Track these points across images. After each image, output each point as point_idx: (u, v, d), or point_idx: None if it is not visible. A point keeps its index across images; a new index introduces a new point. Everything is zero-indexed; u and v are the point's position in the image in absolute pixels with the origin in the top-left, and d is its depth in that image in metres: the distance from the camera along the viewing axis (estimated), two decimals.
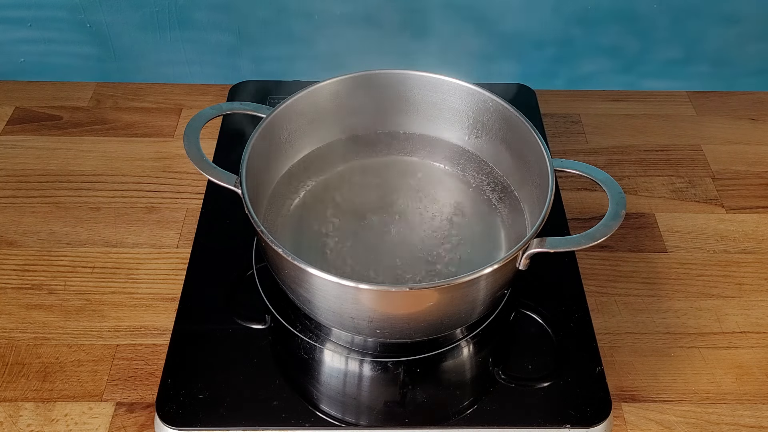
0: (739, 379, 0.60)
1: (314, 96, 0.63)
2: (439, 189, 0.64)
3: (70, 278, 0.66)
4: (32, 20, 0.81)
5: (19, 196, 0.73)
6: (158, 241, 0.69)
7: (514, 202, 0.63)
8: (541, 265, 0.54)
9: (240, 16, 0.81)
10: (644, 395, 0.59)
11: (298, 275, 0.51)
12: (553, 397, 0.54)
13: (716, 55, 0.86)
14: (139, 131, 0.81)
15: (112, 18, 0.81)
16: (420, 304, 0.51)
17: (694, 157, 0.80)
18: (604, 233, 0.52)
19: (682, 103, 0.88)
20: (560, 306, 0.60)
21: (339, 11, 0.81)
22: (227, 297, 0.61)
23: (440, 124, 0.67)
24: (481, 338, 0.59)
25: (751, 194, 0.76)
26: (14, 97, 0.85)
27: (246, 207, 0.52)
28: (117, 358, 0.60)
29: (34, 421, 0.56)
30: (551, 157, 0.56)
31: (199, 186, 0.74)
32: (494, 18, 0.81)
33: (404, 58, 0.84)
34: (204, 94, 0.87)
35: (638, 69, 0.87)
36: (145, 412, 0.56)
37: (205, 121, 0.59)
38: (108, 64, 0.86)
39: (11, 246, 0.68)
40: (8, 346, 0.60)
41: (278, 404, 0.53)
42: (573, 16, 0.81)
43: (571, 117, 0.85)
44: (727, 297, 0.66)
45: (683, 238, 0.71)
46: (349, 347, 0.57)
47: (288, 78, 0.84)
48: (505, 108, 0.61)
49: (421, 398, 0.54)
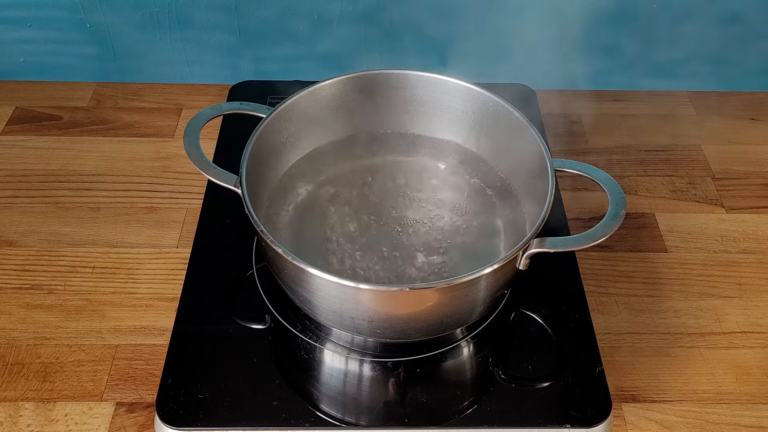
0: (739, 379, 0.60)
1: (314, 96, 0.63)
2: (439, 189, 0.64)
3: (70, 278, 0.66)
4: (32, 20, 0.81)
5: (19, 196, 0.73)
6: (158, 241, 0.69)
7: (514, 202, 0.63)
8: (541, 265, 0.54)
9: (240, 16, 0.81)
10: (644, 395, 0.59)
11: (298, 275, 0.51)
12: (553, 397, 0.54)
13: (716, 55, 0.86)
14: (139, 131, 0.81)
15: (112, 18, 0.81)
16: (420, 304, 0.51)
17: (694, 157, 0.80)
18: (604, 233, 0.52)
19: (682, 103, 0.88)
20: (560, 306, 0.60)
21: (339, 11, 0.81)
22: (227, 297, 0.61)
23: (440, 124, 0.67)
24: (481, 338, 0.59)
25: (751, 194, 0.76)
26: (14, 97, 0.85)
27: (246, 207, 0.52)
28: (117, 358, 0.60)
29: (34, 421, 0.56)
30: (551, 157, 0.56)
31: (199, 186, 0.74)
32: (494, 18, 0.81)
33: (404, 58, 0.84)
34: (204, 94, 0.87)
35: (638, 69, 0.87)
36: (145, 412, 0.56)
37: (205, 121, 0.59)
38: (108, 64, 0.86)
39: (11, 246, 0.68)
40: (8, 346, 0.60)
41: (278, 404, 0.53)
42: (573, 15, 0.81)
43: (571, 117, 0.85)
44: (727, 297, 0.66)
45: (683, 238, 0.71)
46: (349, 347, 0.57)
47: (288, 78, 0.84)
48: (505, 108, 0.61)
49: (421, 398, 0.54)
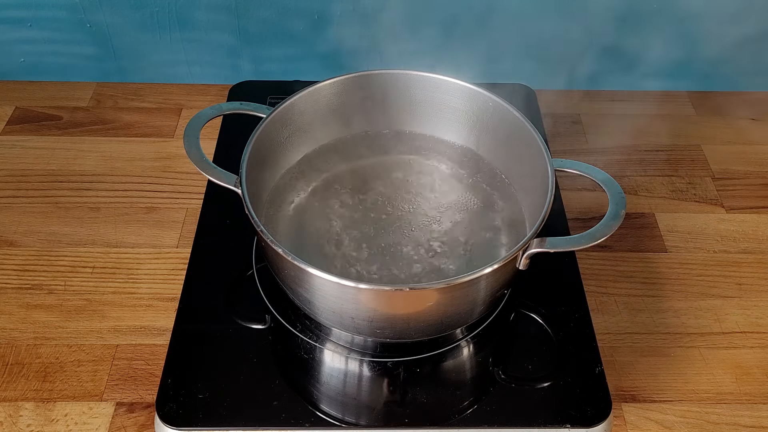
0: (739, 379, 0.60)
1: (314, 96, 0.63)
2: (439, 189, 0.64)
3: (70, 278, 0.66)
4: (32, 20, 0.81)
5: (19, 196, 0.73)
6: (158, 241, 0.69)
7: (513, 202, 0.63)
8: (541, 265, 0.54)
9: (240, 16, 0.81)
10: (644, 395, 0.59)
11: (298, 275, 0.51)
12: (553, 397, 0.54)
13: (716, 55, 0.86)
14: (139, 131, 0.81)
15: (112, 18, 0.81)
16: (420, 304, 0.51)
17: (694, 157, 0.80)
18: (604, 233, 0.52)
19: (682, 103, 0.88)
20: (560, 306, 0.60)
21: (339, 11, 0.81)
22: (227, 297, 0.61)
23: (440, 124, 0.67)
24: (481, 338, 0.59)
25: (751, 194, 0.76)
26: (14, 97, 0.85)
27: (246, 207, 0.52)
28: (117, 358, 0.60)
29: (34, 421, 0.56)
30: (551, 157, 0.56)
31: (199, 186, 0.74)
32: (494, 18, 0.81)
33: (404, 58, 0.84)
34: (204, 94, 0.87)
35: (638, 69, 0.87)
36: (145, 412, 0.56)
37: (205, 121, 0.59)
38: (108, 64, 0.86)
39: (11, 246, 0.68)
40: (8, 346, 0.60)
41: (278, 404, 0.53)
42: (573, 16, 0.81)
43: (571, 117, 0.85)
44: (727, 297, 0.66)
45: (683, 238, 0.71)
46: (349, 347, 0.57)
47: (288, 78, 0.84)
48: (505, 108, 0.61)
49: (421, 398, 0.54)
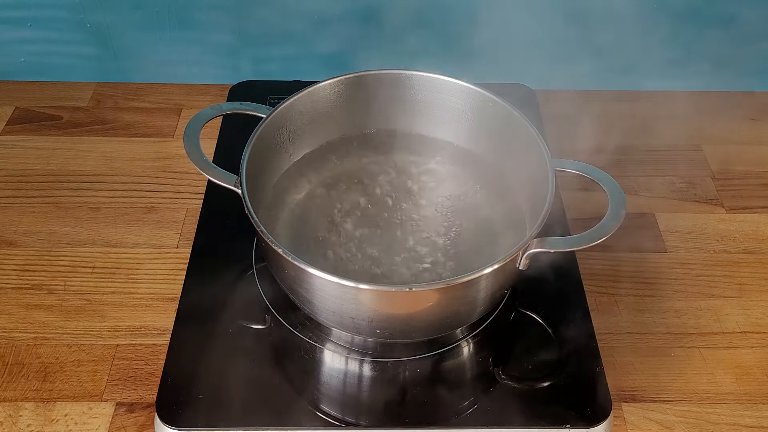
0: (739, 379, 0.60)
1: (314, 96, 0.63)
2: (438, 189, 0.64)
3: (70, 278, 0.66)
4: (32, 20, 0.81)
5: (19, 196, 0.73)
6: (158, 241, 0.69)
7: (513, 202, 0.62)
8: (541, 265, 0.54)
9: (240, 16, 0.81)
10: (644, 395, 0.58)
11: (298, 275, 0.51)
12: (553, 397, 0.54)
13: (716, 55, 0.86)
14: (139, 131, 0.81)
15: (112, 18, 0.81)
16: (420, 305, 0.51)
17: (694, 157, 0.80)
18: (604, 233, 0.52)
19: (682, 103, 0.88)
20: (560, 306, 0.60)
21: (339, 11, 0.81)
22: (227, 297, 0.61)
23: (440, 124, 0.67)
24: (481, 338, 0.59)
25: (751, 194, 0.76)
26: (14, 97, 0.85)
27: (246, 207, 0.52)
28: (117, 358, 0.60)
29: (34, 421, 0.55)
30: (551, 157, 0.56)
31: (199, 186, 0.74)
32: (494, 18, 0.81)
33: (404, 58, 0.83)
34: (204, 94, 0.87)
35: (638, 69, 0.87)
36: (145, 412, 0.56)
37: (205, 121, 0.59)
38: (108, 64, 0.86)
39: (11, 246, 0.68)
40: (8, 346, 0.60)
41: (278, 404, 0.53)
42: (573, 15, 0.81)
43: (571, 117, 0.85)
44: (727, 297, 0.66)
45: (683, 238, 0.71)
46: (349, 347, 0.57)
47: (288, 78, 0.84)
48: (505, 108, 0.61)
49: (421, 398, 0.54)
